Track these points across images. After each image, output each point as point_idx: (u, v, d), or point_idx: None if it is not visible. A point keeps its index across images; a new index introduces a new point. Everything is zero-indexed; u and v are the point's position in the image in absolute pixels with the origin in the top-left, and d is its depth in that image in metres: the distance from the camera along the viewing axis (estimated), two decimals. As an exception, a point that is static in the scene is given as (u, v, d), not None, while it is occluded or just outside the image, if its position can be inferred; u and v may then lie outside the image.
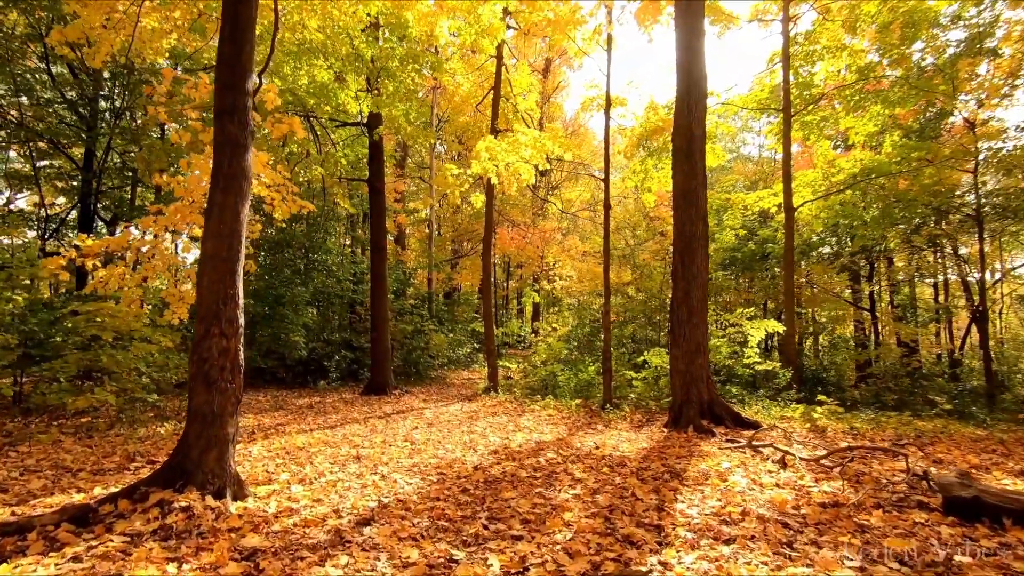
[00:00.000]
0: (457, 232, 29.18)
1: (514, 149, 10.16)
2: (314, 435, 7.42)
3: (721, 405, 8.38)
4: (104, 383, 7.16)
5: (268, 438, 7.07)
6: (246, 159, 4.44)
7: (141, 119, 14.23)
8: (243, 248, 4.42)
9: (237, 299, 4.31)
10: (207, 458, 4.07)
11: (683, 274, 8.66)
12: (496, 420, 9.22)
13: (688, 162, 8.76)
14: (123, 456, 5.57)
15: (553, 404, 10.61)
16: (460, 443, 7.07)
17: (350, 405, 10.79)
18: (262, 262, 16.22)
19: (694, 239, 8.65)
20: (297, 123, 7.35)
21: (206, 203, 4.42)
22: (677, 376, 8.54)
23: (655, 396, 10.93)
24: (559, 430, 8.38)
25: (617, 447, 6.82)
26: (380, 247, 13.03)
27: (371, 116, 12.70)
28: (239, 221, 4.37)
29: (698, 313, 8.60)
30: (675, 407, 8.50)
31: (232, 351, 4.25)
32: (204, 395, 4.12)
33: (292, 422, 8.64)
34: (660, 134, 12.64)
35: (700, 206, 8.73)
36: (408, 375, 15.96)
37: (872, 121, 12.65)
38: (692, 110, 8.77)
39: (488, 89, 13.83)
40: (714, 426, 7.97)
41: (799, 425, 8.22)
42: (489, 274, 13.21)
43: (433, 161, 22.26)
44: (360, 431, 7.93)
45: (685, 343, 8.51)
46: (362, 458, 5.96)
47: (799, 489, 4.63)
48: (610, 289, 10.69)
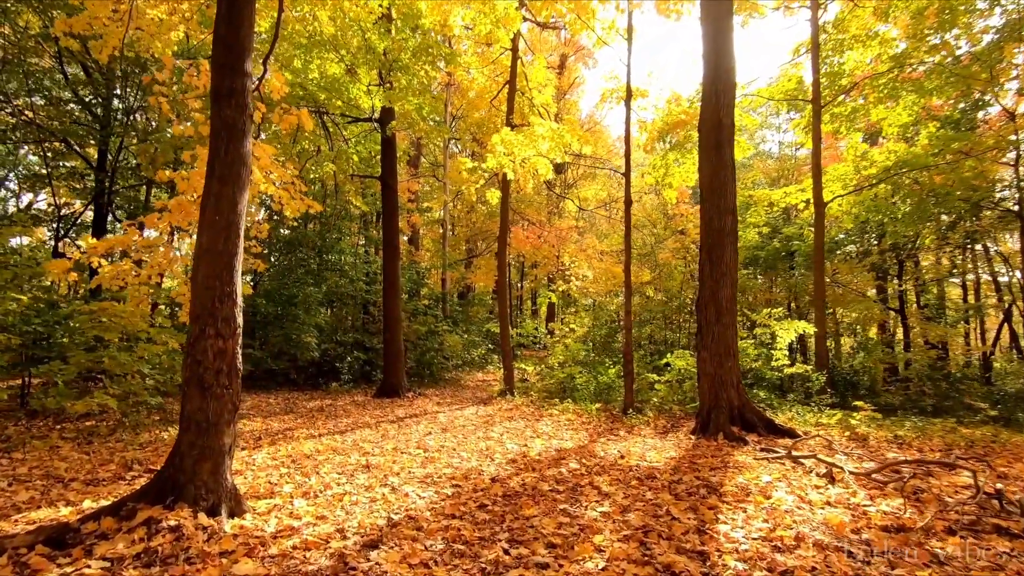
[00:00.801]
0: (471, 232, 28.85)
1: (531, 142, 9.75)
2: (323, 441, 7.08)
3: (753, 411, 7.88)
4: (106, 386, 6.90)
5: (275, 444, 6.74)
6: (244, 145, 4.09)
7: (152, 116, 14.09)
8: (241, 242, 4.07)
9: (235, 296, 3.96)
10: (201, 471, 3.71)
11: (711, 272, 8.18)
12: (513, 425, 8.81)
13: (716, 153, 8.27)
14: (120, 464, 5.27)
15: (572, 408, 10.18)
16: (476, 451, 6.68)
17: (362, 408, 10.46)
18: (275, 262, 16.02)
19: (722, 234, 8.17)
20: (305, 115, 7.03)
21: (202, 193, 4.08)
22: (705, 380, 8.07)
23: (679, 400, 10.45)
24: (580, 436, 7.95)
25: (644, 456, 6.38)
26: (393, 245, 12.70)
27: (383, 111, 12.39)
28: (236, 212, 4.01)
29: (727, 313, 8.11)
30: (703, 413, 8.02)
31: (229, 353, 3.90)
32: (198, 401, 3.77)
33: (301, 426, 8.32)
34: (682, 127, 12.14)
35: (729, 199, 8.24)
36: (421, 377, 15.62)
37: (906, 111, 12.03)
38: (720, 98, 8.29)
39: (503, 83, 13.45)
40: (746, 433, 7.48)
41: (837, 433, 7.69)
42: (504, 273, 12.81)
43: (447, 159, 21.93)
44: (371, 437, 7.57)
45: (714, 345, 8.03)
46: (372, 467, 5.59)
47: (854, 509, 4.15)
48: (631, 288, 10.23)
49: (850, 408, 9.50)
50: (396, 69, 10.82)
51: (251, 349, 13.60)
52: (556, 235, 20.00)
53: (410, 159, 26.03)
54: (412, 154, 25.99)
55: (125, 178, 15.06)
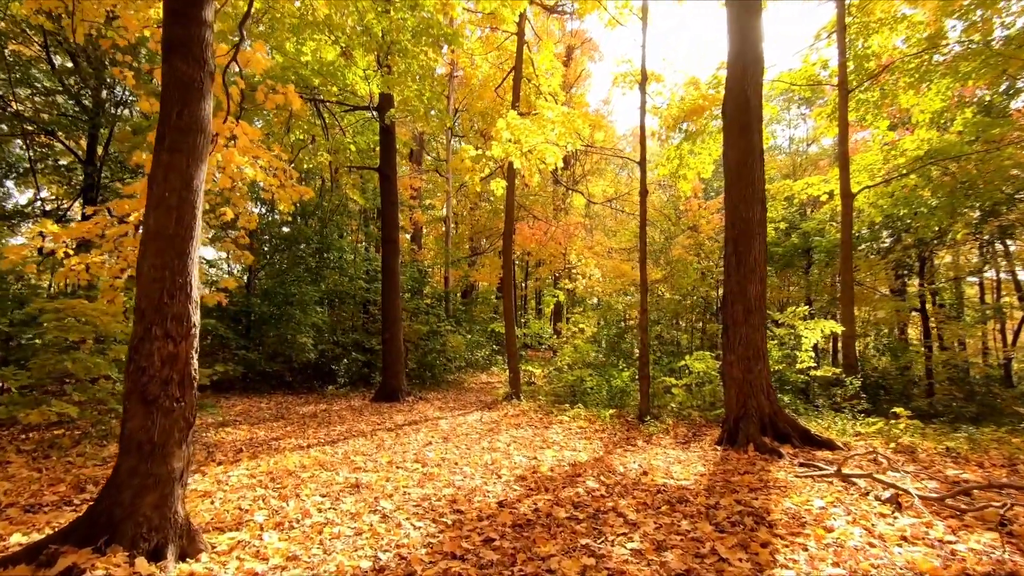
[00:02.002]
0: (475, 230, 28.13)
1: (539, 128, 9.04)
2: (311, 453, 6.39)
3: (785, 419, 7.15)
4: (68, 393, 6.24)
5: (256, 457, 6.05)
6: (202, 108, 3.41)
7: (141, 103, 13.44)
8: (198, 224, 3.38)
9: (189, 290, 3.27)
10: (142, 504, 3.02)
11: (738, 266, 7.46)
12: (520, 434, 8.11)
13: (743, 136, 7.55)
14: (72, 484, 4.59)
15: (584, 414, 9.46)
16: (480, 465, 5.97)
17: (358, 414, 9.77)
18: (271, 260, 15.36)
19: (751, 225, 7.44)
20: (292, 92, 6.36)
21: (150, 166, 3.39)
22: (732, 385, 7.34)
23: (698, 406, 9.72)
24: (594, 447, 7.24)
25: (669, 472, 5.66)
26: (392, 240, 12.01)
27: (381, 99, 11.71)
28: (192, 189, 3.32)
29: (756, 312, 7.38)
30: (729, 421, 7.30)
31: (181, 359, 3.21)
32: (141, 418, 3.08)
33: (290, 435, 7.64)
34: (699, 114, 11.40)
35: (758, 187, 7.51)
36: (423, 379, 14.93)
37: (939, 96, 11.25)
38: (747, 75, 7.56)
39: (509, 70, 12.74)
40: (779, 444, 6.75)
41: (880, 444, 6.95)
42: (510, 269, 12.11)
43: (450, 154, 21.24)
44: (365, 447, 6.88)
45: (741, 347, 7.30)
46: (362, 487, 4.89)
47: (938, 547, 3.43)
48: (647, 284, 9.51)
49: (885, 414, 8.76)
50: (395, 52, 10.12)
51: (244, 350, 12.96)
52: (563, 232, 19.27)
53: (412, 155, 25.35)
54: (414, 149, 25.32)
55: (116, 172, 14.45)
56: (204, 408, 7.66)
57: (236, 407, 10.33)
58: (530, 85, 12.68)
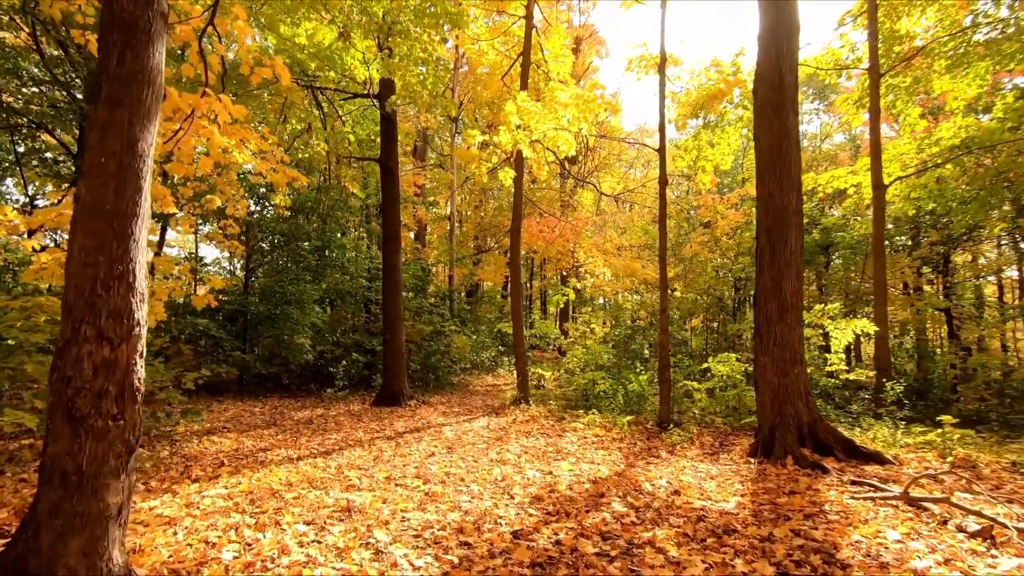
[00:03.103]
0: (480, 228, 27.50)
1: (551, 112, 8.37)
2: (300, 467, 5.74)
3: (827, 429, 6.45)
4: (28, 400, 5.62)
5: (239, 472, 5.41)
6: (150, 54, 2.75)
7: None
8: (145, 199, 2.73)
9: (132, 279, 2.62)
10: (66, 550, 2.38)
11: (771, 260, 6.77)
12: (532, 443, 7.44)
13: (777, 116, 6.86)
14: (16, 509, 3.95)
15: (599, 421, 8.79)
16: (490, 481, 5.31)
17: (356, 420, 9.13)
18: (271, 258, 14.73)
19: (786, 214, 6.75)
20: (280, 64, 5.71)
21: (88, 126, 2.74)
22: (766, 390, 6.66)
23: (722, 412, 9.03)
24: (613, 458, 6.57)
25: (704, 491, 4.99)
26: (393, 236, 11.36)
27: (382, 86, 11.07)
28: (136, 153, 2.67)
29: (792, 310, 6.70)
30: (763, 430, 6.61)
31: (121, 366, 2.56)
32: (67, 440, 2.43)
33: (280, 444, 6.99)
34: (719, 99, 10.71)
35: (793, 172, 6.83)
36: (426, 382, 14.28)
37: (977, 81, 10.52)
38: (782, 49, 6.87)
39: (516, 56, 12.08)
40: (820, 457, 6.07)
41: (933, 456, 6.26)
42: (517, 266, 11.43)
43: (454, 146, 20.60)
44: (361, 459, 6.23)
45: (776, 348, 6.61)
46: (354, 511, 4.23)
47: (1067, 600, 2.74)
48: (667, 281, 8.83)
49: (923, 422, 8.07)
50: (396, 33, 9.49)
51: (240, 352, 12.34)
52: (571, 228, 18.58)
53: (416, 151, 24.72)
54: (418, 145, 24.68)
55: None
56: (188, 415, 7.03)
57: (228, 412, 9.70)
58: (539, 72, 12.01)
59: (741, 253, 14.10)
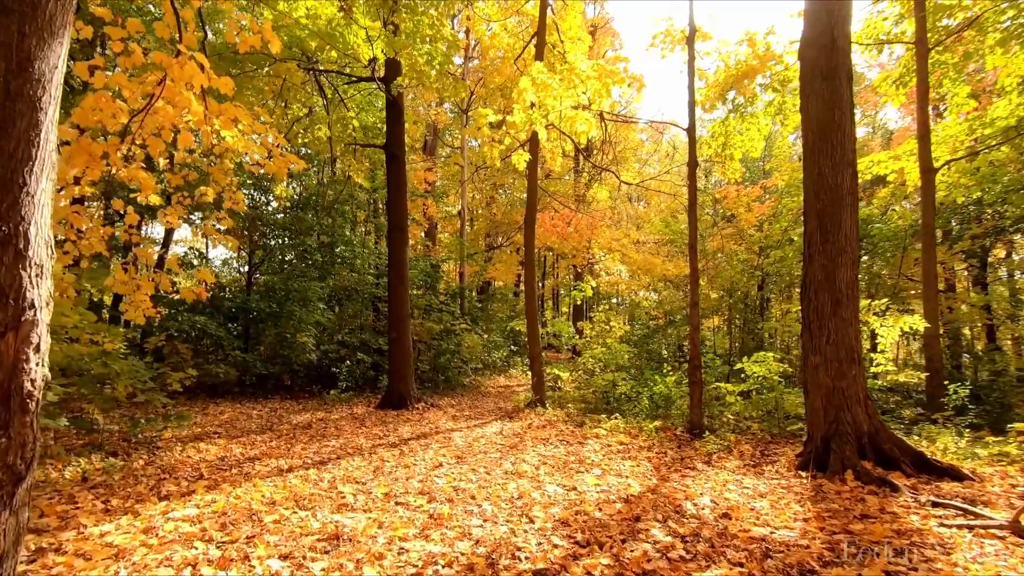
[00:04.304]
0: (492, 224, 26.80)
1: (569, 87, 7.63)
2: (290, 480, 5.05)
3: (891, 439, 5.64)
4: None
5: (217, 487, 4.72)
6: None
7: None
8: (48, 139, 2.04)
9: (23, 246, 1.93)
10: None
11: (823, 246, 5.97)
12: (550, 451, 6.70)
13: (828, 84, 6.06)
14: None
15: (623, 426, 8.02)
16: (505, 500, 4.58)
17: (358, 424, 8.45)
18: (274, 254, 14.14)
19: (839, 193, 5.95)
20: (268, 30, 5.04)
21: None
22: (817, 394, 5.86)
23: (757, 417, 8.21)
24: (643, 470, 5.82)
25: (757, 513, 4.22)
26: (400, 227, 10.68)
27: (387, 68, 10.41)
28: (31, 77, 1.98)
29: (847, 303, 5.89)
30: (815, 440, 5.82)
31: (5, 364, 1.87)
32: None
33: (272, 452, 6.32)
34: (752, 77, 9.89)
35: (848, 146, 6.02)
36: (435, 383, 13.60)
37: (1034, 55, 9.59)
38: (833, 9, 6.07)
39: (531, 36, 11.35)
40: (885, 472, 5.26)
41: (1016, 472, 5.41)
42: (532, 259, 10.70)
43: (465, 142, 19.93)
44: (360, 471, 5.53)
45: (830, 347, 5.81)
46: (343, 539, 3.53)
47: None
48: (698, 274, 8.04)
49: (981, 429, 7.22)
50: (401, 8, 8.82)
51: (240, 351, 11.73)
52: (587, 223, 17.80)
53: (426, 146, 24.08)
54: (428, 139, 24.05)
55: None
56: (171, 420, 6.39)
57: (224, 415, 9.08)
58: (554, 52, 11.27)
59: (769, 246, 13.24)
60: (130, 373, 5.96)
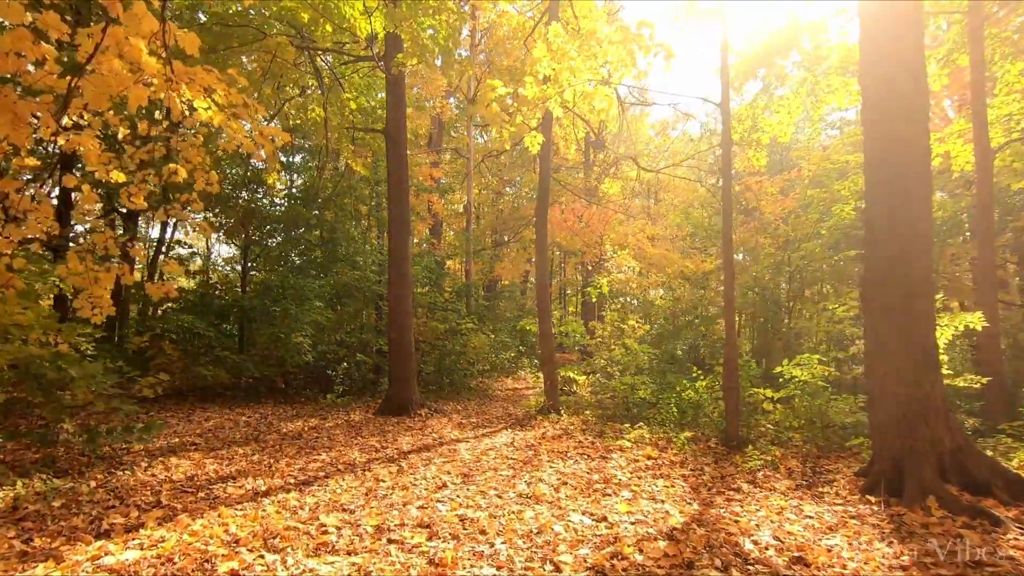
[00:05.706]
0: (499, 221, 25.98)
1: (589, 56, 6.80)
2: (264, 508, 4.24)
3: (980, 458, 4.76)
4: None
5: (172, 518, 3.91)
6: None
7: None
8: None
9: None
10: None
11: (891, 230, 5.10)
12: (570, 468, 5.85)
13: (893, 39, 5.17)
14: None
15: (648, 437, 7.17)
16: (522, 535, 3.74)
17: (354, 434, 7.63)
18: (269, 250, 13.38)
19: (910, 168, 5.06)
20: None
21: None
22: (886, 404, 4.98)
23: (799, 427, 7.33)
24: (679, 491, 4.97)
25: (835, 555, 3.38)
26: (401, 219, 9.86)
27: (387, 45, 9.60)
28: None
29: (922, 297, 5.02)
30: (883, 459, 4.94)
31: None
32: None
33: (252, 469, 5.52)
34: (787, 51, 8.99)
35: (920, 111, 5.13)
36: (440, 386, 12.77)
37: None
38: (903, -48, 5.20)
39: (543, 12, 10.52)
40: (976, 498, 4.39)
41: None
42: (544, 252, 9.85)
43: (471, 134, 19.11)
44: (349, 495, 4.71)
45: (902, 349, 4.93)
46: (315, 600, 2.70)
47: None
48: (733, 267, 7.18)
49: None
50: (401, -24, 8.02)
51: (229, 351, 10.94)
52: (599, 217, 16.93)
53: (431, 140, 23.28)
54: (433, 133, 23.25)
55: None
56: (135, 431, 5.59)
57: (209, 422, 8.30)
58: (568, 30, 10.42)
59: (799, 239, 12.34)
60: (86, 377, 5.16)
